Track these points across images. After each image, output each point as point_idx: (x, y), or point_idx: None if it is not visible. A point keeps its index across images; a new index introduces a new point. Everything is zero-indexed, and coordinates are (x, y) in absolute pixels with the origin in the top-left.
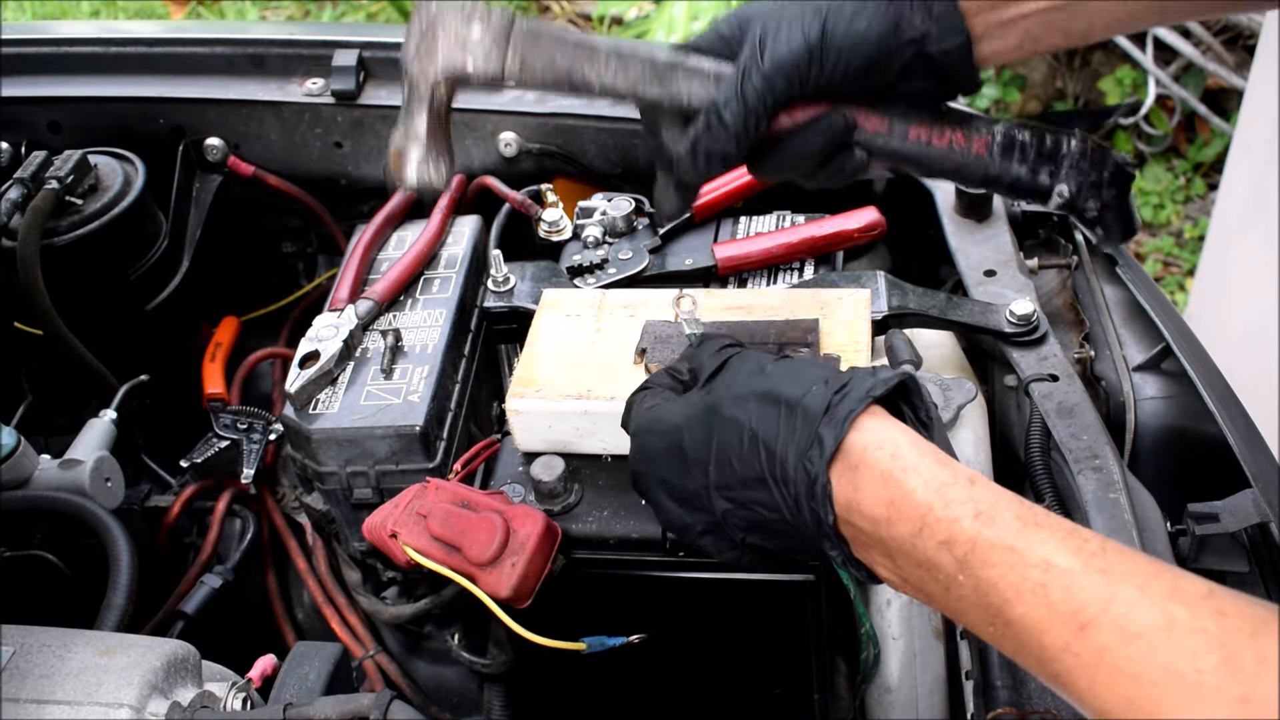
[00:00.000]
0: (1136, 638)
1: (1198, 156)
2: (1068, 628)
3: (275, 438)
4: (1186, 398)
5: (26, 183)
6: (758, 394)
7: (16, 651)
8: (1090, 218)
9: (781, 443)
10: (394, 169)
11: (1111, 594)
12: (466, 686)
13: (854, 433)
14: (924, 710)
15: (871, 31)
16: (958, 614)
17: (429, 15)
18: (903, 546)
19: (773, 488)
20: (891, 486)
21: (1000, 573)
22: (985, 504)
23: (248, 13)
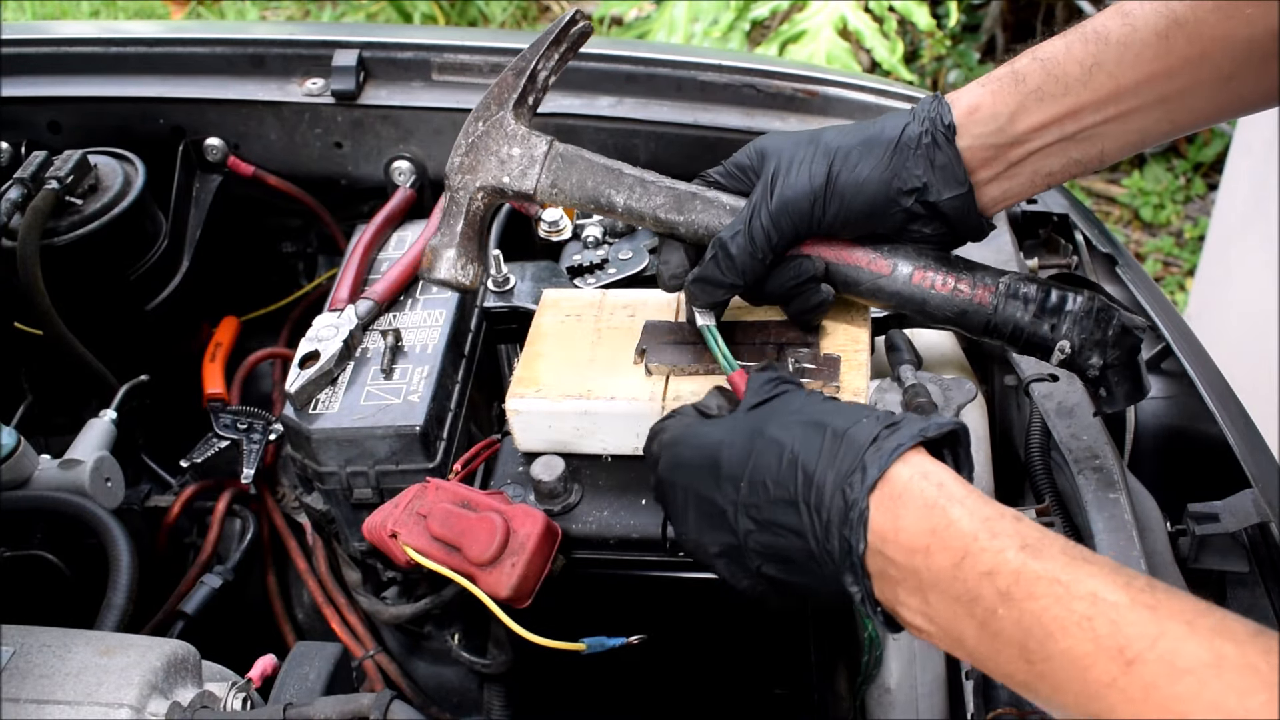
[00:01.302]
0: (1185, 674)
1: (1198, 156)
2: (1114, 663)
3: (275, 438)
4: (1186, 398)
5: (26, 183)
6: (804, 421)
7: (16, 651)
8: (1092, 376)
9: (821, 468)
10: (425, 265)
11: (1160, 630)
12: (466, 686)
13: (900, 464)
14: (924, 710)
15: (872, 179)
16: (991, 655)
17: (475, 133)
18: (940, 579)
19: (804, 512)
20: (935, 515)
21: (1044, 605)
22: (1031, 538)
23: (248, 13)
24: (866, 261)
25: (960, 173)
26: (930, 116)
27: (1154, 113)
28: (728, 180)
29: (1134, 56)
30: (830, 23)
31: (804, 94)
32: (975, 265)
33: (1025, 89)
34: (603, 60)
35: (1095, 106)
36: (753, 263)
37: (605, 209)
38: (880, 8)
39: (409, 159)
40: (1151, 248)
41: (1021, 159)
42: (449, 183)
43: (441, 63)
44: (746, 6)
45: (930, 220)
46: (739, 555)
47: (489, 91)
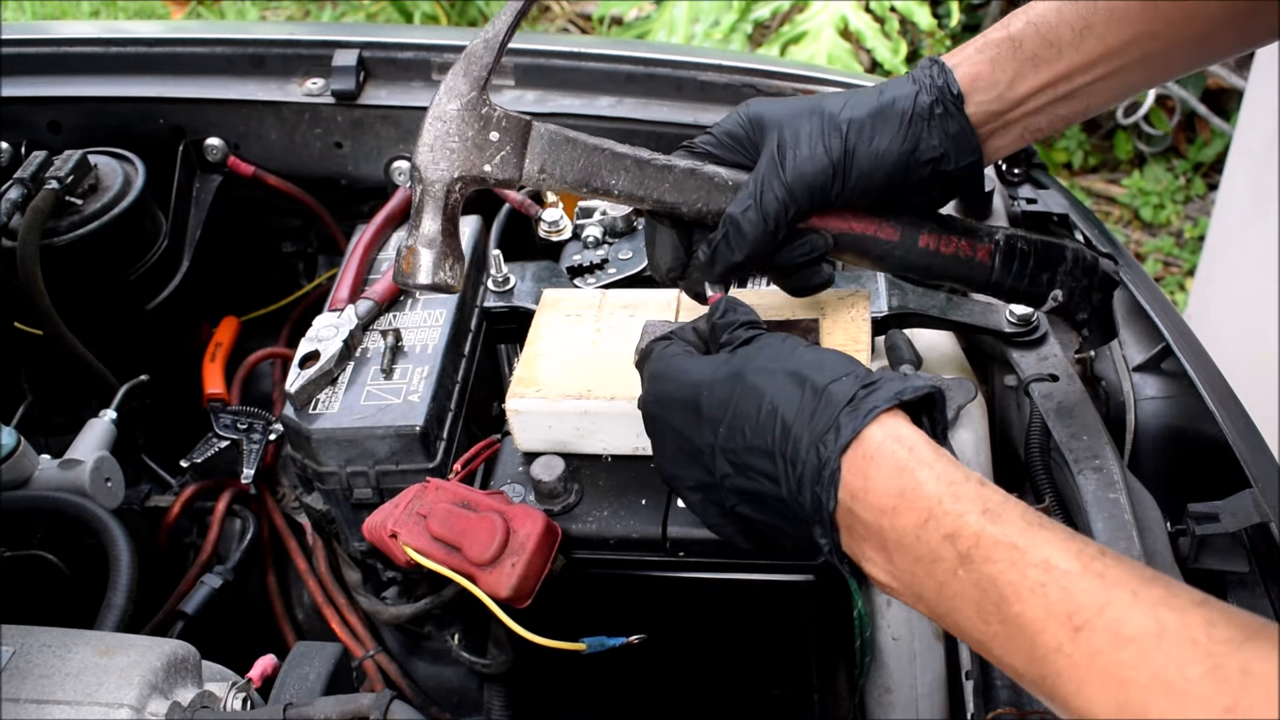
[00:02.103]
0: (1129, 643)
1: (1198, 156)
2: (1063, 629)
3: (275, 438)
4: (1186, 398)
5: (26, 183)
6: (786, 371)
7: (16, 651)
8: (1080, 320)
9: (799, 422)
10: (405, 270)
11: (1107, 598)
12: (466, 686)
13: (874, 426)
14: (924, 710)
15: (892, 152)
16: (949, 613)
17: (445, 118)
18: (904, 539)
19: (779, 463)
20: (904, 478)
21: (1001, 569)
22: (993, 503)
23: (248, 13)
24: (874, 229)
25: (973, 140)
26: (938, 86)
27: (1136, 70)
28: (721, 151)
29: (1120, 18)
30: (831, 23)
31: (804, 94)
32: (970, 224)
33: (1022, 55)
34: (603, 60)
35: (1085, 68)
36: (765, 238)
37: (599, 192)
38: (881, 8)
39: (409, 159)
40: (1151, 248)
41: (1015, 119)
42: (420, 174)
43: (441, 63)
44: (748, 7)
45: (938, 187)
46: (714, 493)
47: (456, 69)
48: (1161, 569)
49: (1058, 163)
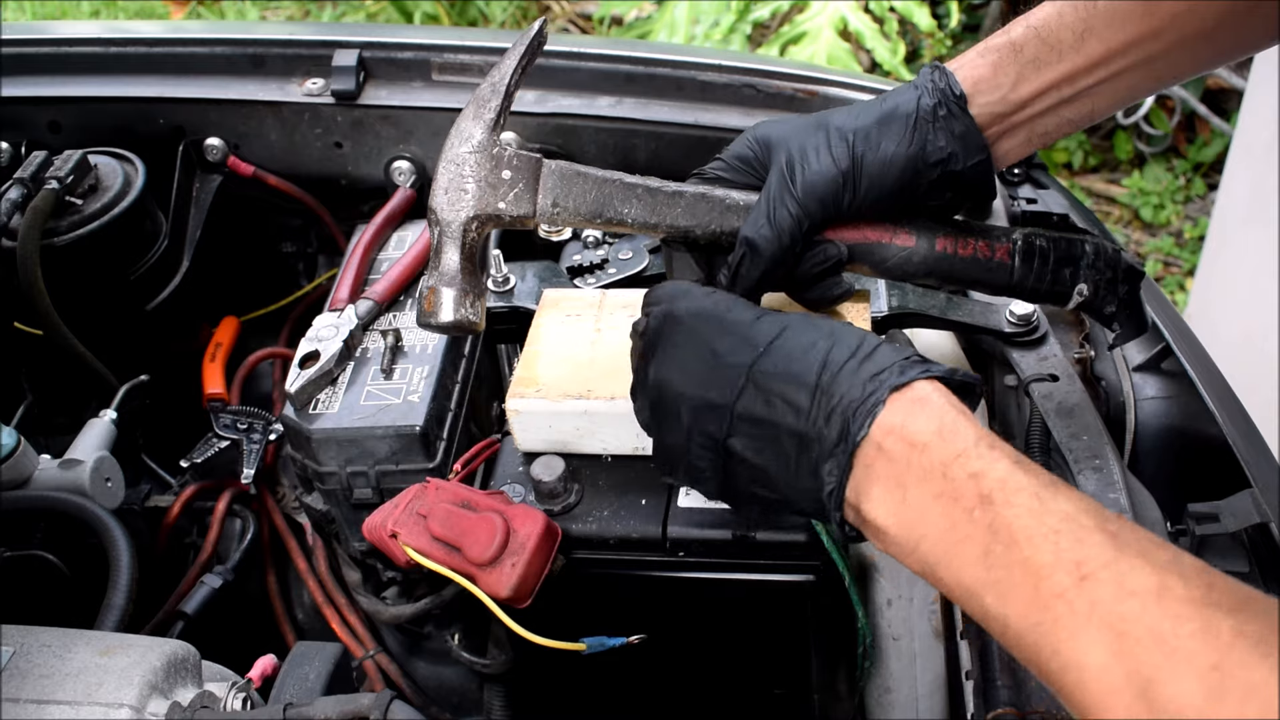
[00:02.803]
0: (1131, 596)
1: (1198, 156)
2: (1070, 576)
3: (275, 438)
4: (1186, 398)
5: (26, 183)
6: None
7: (16, 651)
8: (1108, 313)
9: (848, 366)
10: (427, 309)
11: (1116, 553)
12: (466, 686)
13: (924, 381)
14: (924, 710)
15: (900, 156)
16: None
17: (458, 161)
18: (929, 473)
19: (811, 394)
20: (944, 420)
21: (1018, 514)
22: (1024, 460)
23: (248, 13)
24: (889, 237)
25: (980, 138)
26: (940, 88)
27: (1140, 72)
28: (731, 174)
29: (1121, 19)
30: (831, 24)
31: (804, 94)
32: (986, 226)
33: (1023, 58)
34: (603, 60)
35: (1088, 70)
36: (782, 254)
37: (613, 223)
38: (881, 8)
39: (409, 159)
40: (1151, 248)
41: (1020, 122)
42: (436, 216)
43: (441, 63)
44: (747, 8)
45: (948, 189)
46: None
47: (466, 114)
48: None
49: (1058, 163)
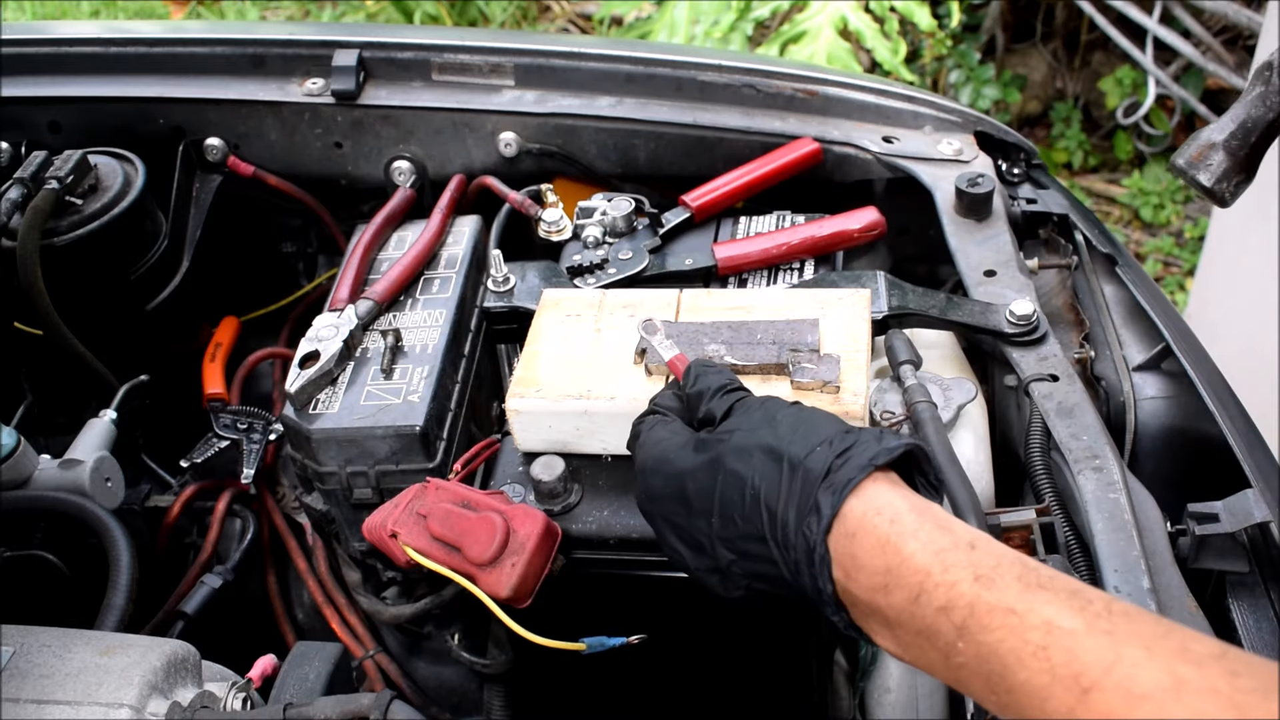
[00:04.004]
0: (1143, 700)
1: None
2: (1070, 693)
3: (275, 438)
4: (1186, 398)
5: (26, 183)
6: (762, 448)
7: (16, 651)
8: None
9: (783, 505)
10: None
11: (1116, 655)
12: (466, 686)
13: (853, 498)
14: (924, 710)
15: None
16: (959, 684)
17: None
18: (900, 615)
19: (774, 548)
20: (889, 553)
21: (999, 637)
22: (985, 567)
23: (248, 13)
24: None
25: None
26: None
27: None
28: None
29: None
30: (831, 23)
31: (804, 94)
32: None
33: None
34: (603, 60)
35: None
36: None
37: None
38: (881, 8)
39: (409, 159)
40: (1151, 248)
41: None
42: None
43: (441, 63)
44: (747, 7)
45: None
46: (726, 575)
47: None
48: (1161, 569)
49: (1058, 163)
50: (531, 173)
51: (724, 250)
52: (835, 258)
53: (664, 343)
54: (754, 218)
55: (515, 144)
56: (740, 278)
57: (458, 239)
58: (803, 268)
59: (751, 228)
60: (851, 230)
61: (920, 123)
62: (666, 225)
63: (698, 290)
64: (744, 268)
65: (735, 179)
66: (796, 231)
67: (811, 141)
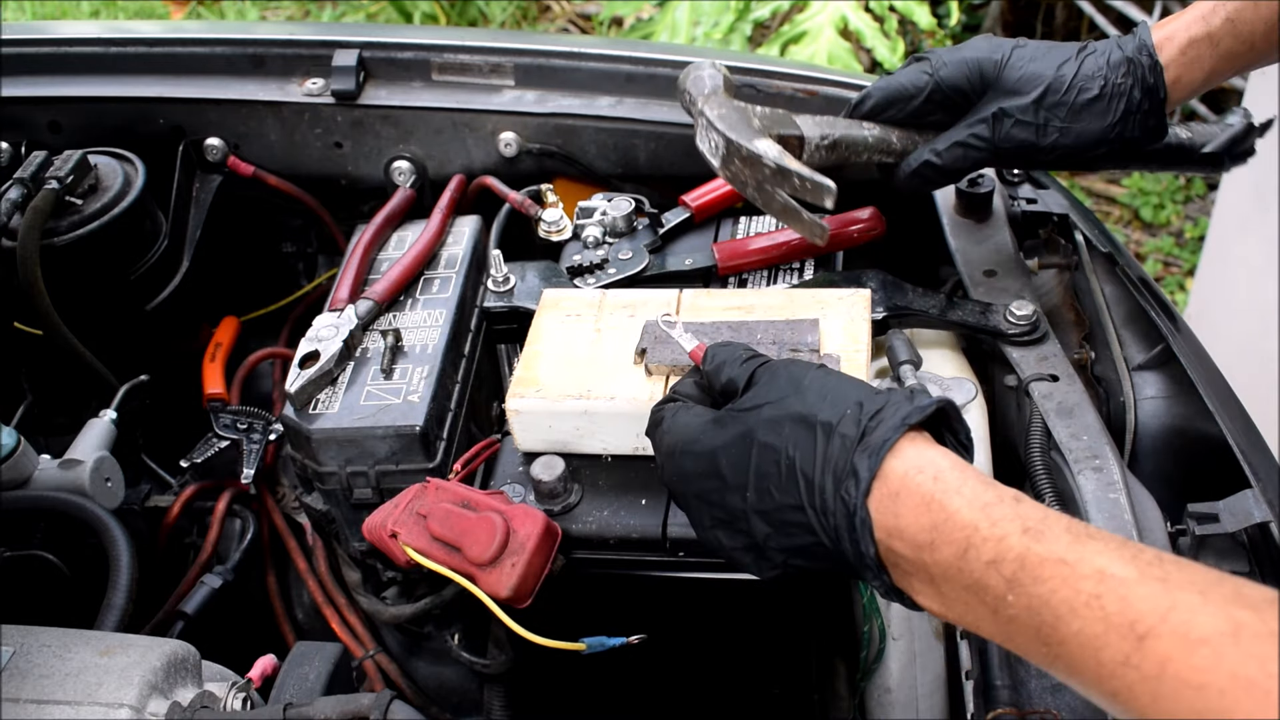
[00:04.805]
0: (1201, 645)
1: None
2: (1125, 640)
3: (275, 438)
4: (1186, 398)
5: (26, 183)
6: (793, 417)
7: (16, 651)
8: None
9: (819, 471)
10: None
11: (1171, 602)
12: (466, 686)
13: (892, 458)
14: (924, 710)
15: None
16: (1008, 638)
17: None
18: (948, 571)
19: (812, 516)
20: (934, 510)
21: (1051, 588)
22: (1033, 520)
23: (248, 13)
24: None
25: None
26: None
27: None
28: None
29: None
30: (831, 23)
31: (804, 94)
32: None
33: (1218, 53)
34: (603, 60)
35: (1266, 55)
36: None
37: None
38: (881, 8)
39: (409, 159)
40: (1151, 248)
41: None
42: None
43: (441, 63)
44: (747, 8)
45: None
46: (762, 552)
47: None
48: None
49: None
50: (531, 173)
51: (724, 250)
52: (835, 258)
53: (684, 335)
54: (754, 218)
55: (515, 144)
56: (740, 278)
57: (458, 239)
58: (803, 268)
59: (751, 228)
60: (851, 230)
61: None
62: (666, 225)
63: (698, 290)
64: (744, 268)
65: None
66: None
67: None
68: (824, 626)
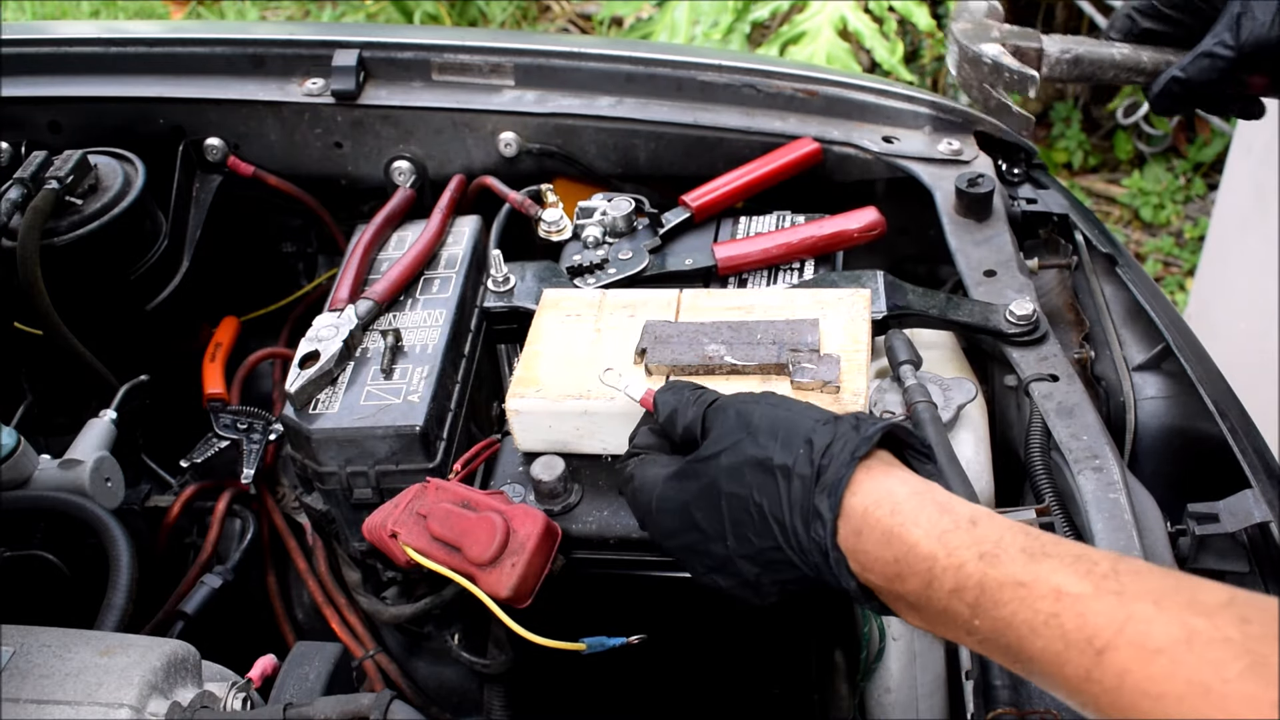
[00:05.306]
0: (1157, 655)
1: (1198, 156)
2: (1085, 655)
3: (275, 438)
4: (1186, 398)
5: (26, 183)
6: (749, 463)
7: (16, 651)
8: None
9: (788, 515)
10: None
11: (1127, 614)
12: (466, 686)
13: (850, 495)
14: (924, 710)
15: None
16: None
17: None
18: (918, 600)
19: (793, 555)
20: (895, 544)
21: (1012, 610)
22: (989, 543)
23: (248, 13)
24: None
25: None
26: None
27: None
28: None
29: None
30: (830, 23)
31: (804, 94)
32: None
33: None
34: (603, 60)
35: None
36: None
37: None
38: (880, 8)
39: (409, 159)
40: (1151, 248)
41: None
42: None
43: (441, 63)
44: (746, 8)
45: None
46: (757, 588)
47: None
48: None
49: (1058, 163)
50: (531, 173)
51: (724, 250)
52: (835, 258)
53: (631, 386)
54: (754, 218)
55: (515, 144)
56: (740, 278)
57: (458, 239)
58: (803, 268)
59: (751, 228)
60: (851, 230)
61: (920, 123)
62: (666, 225)
63: (698, 290)
64: (744, 268)
65: (735, 179)
66: (796, 231)
67: (811, 141)
68: (824, 626)
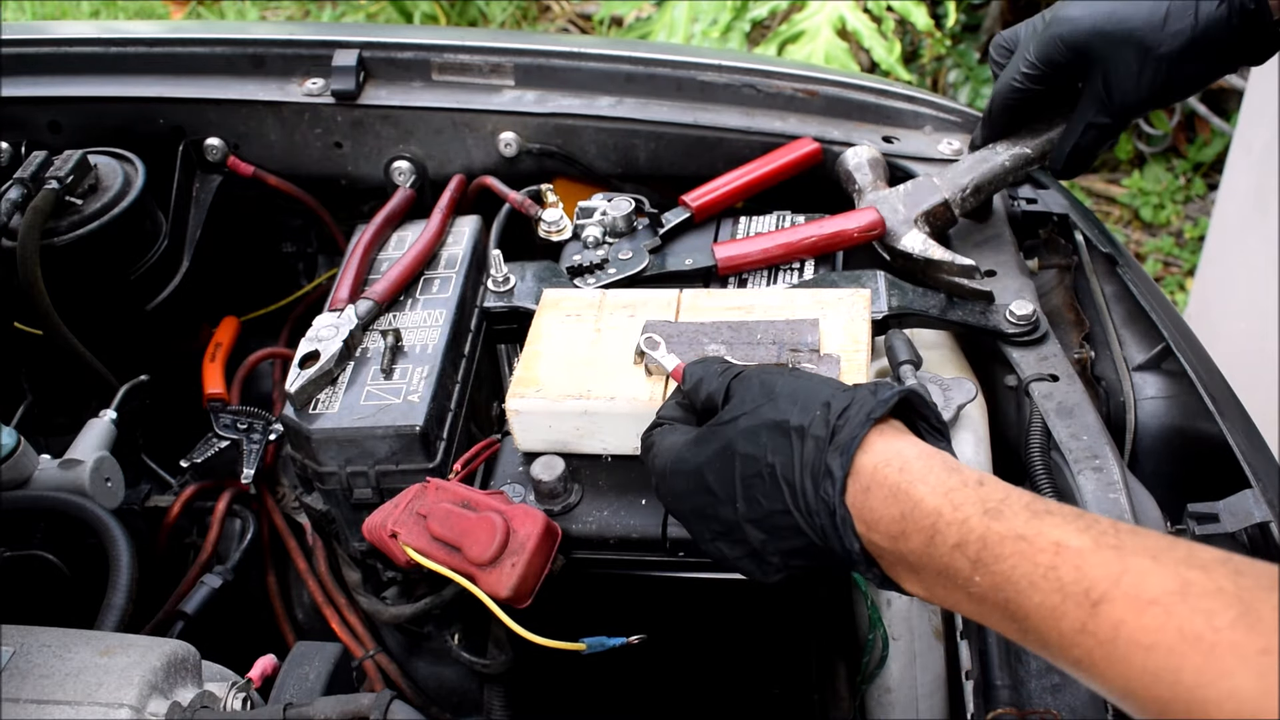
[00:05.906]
0: (1151, 605)
1: (1198, 156)
2: (1081, 608)
3: (275, 438)
4: (1186, 398)
5: (26, 183)
6: (768, 425)
7: (16, 651)
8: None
9: (799, 475)
10: None
11: (1124, 566)
12: (466, 686)
13: (862, 454)
14: (924, 710)
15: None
16: (983, 617)
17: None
18: (920, 559)
19: (800, 519)
20: (902, 500)
21: (1012, 564)
22: (994, 500)
23: (248, 13)
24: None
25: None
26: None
27: None
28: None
29: None
30: (829, 23)
31: (804, 94)
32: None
33: None
34: (603, 60)
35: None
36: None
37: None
38: (878, 8)
39: (409, 159)
40: (1151, 248)
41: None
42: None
43: (441, 63)
44: (745, 7)
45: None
46: (762, 557)
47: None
48: None
49: None
50: (531, 173)
51: (724, 250)
52: (835, 258)
53: (666, 355)
54: (754, 218)
55: (515, 144)
56: (740, 278)
57: (458, 239)
58: (803, 268)
59: (751, 228)
60: (851, 230)
61: (920, 123)
62: (666, 225)
63: (698, 290)
64: (744, 268)
65: (735, 179)
66: (796, 231)
67: (811, 141)
68: (824, 627)
